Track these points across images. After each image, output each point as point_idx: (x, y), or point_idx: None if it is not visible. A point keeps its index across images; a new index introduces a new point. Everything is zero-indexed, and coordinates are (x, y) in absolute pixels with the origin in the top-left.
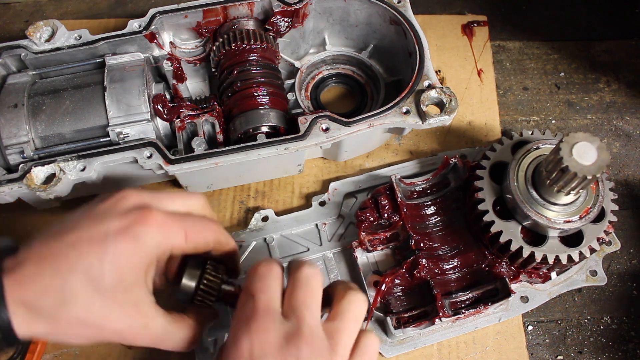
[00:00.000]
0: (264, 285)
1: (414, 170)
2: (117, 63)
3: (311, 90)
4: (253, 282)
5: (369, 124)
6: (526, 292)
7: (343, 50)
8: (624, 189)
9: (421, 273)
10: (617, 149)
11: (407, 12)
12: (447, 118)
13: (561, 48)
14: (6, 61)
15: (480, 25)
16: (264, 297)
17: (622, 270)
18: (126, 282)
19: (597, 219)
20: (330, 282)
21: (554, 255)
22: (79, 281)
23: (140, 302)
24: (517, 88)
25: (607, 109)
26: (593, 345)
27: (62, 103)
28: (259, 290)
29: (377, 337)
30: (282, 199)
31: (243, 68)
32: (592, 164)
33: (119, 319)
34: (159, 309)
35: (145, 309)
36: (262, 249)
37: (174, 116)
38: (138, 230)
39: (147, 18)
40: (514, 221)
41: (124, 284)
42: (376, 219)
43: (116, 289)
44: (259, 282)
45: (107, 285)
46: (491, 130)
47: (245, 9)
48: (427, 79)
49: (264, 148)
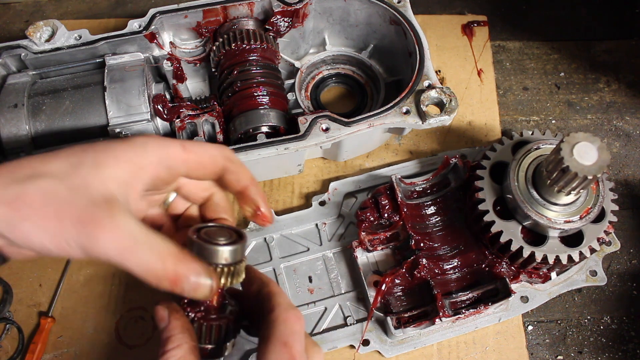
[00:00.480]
0: (300, 341)
1: (414, 170)
2: (117, 63)
3: (311, 90)
4: (294, 339)
5: (369, 124)
6: (526, 292)
7: (343, 50)
8: (624, 189)
9: (421, 273)
10: (617, 149)
11: (407, 12)
12: (447, 118)
13: (561, 48)
14: (6, 61)
15: (480, 25)
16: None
17: (622, 270)
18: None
19: (597, 219)
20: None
21: (554, 255)
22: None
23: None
24: (517, 88)
25: (607, 109)
26: (593, 345)
27: (62, 103)
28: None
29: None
30: (282, 199)
31: (243, 68)
32: (592, 164)
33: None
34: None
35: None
36: (262, 248)
37: (174, 116)
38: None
39: (147, 18)
40: (514, 221)
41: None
42: (376, 218)
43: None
44: (299, 338)
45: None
46: (491, 130)
47: (245, 9)
48: (427, 79)
49: (264, 148)
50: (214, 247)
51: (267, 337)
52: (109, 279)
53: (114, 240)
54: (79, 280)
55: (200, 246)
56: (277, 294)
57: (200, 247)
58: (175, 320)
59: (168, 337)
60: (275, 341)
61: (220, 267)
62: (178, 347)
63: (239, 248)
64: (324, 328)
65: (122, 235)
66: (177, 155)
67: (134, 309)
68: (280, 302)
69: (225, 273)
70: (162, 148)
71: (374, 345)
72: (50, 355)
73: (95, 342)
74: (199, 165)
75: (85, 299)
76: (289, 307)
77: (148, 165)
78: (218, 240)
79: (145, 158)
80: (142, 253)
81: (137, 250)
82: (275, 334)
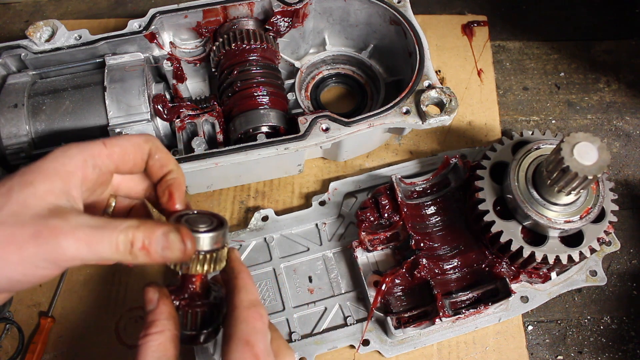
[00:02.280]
0: (263, 340)
1: (414, 170)
2: (117, 63)
3: (311, 90)
4: (256, 338)
5: (369, 124)
6: (526, 292)
7: (343, 50)
8: (624, 189)
9: (421, 273)
10: (617, 149)
11: (407, 12)
12: (447, 118)
13: (561, 48)
14: (6, 61)
15: (480, 25)
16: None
17: (622, 270)
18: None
19: (597, 219)
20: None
21: (554, 255)
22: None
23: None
24: (517, 88)
25: (607, 109)
26: (593, 345)
27: (62, 103)
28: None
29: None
30: (282, 199)
31: (243, 68)
32: (593, 164)
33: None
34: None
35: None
36: (262, 248)
37: (174, 116)
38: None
39: (147, 18)
40: (515, 221)
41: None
42: (376, 218)
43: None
44: (262, 337)
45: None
46: (491, 130)
47: (245, 9)
48: (427, 79)
49: (264, 148)
50: (194, 235)
51: (229, 336)
52: (109, 279)
53: (77, 238)
54: (79, 280)
55: None
56: (242, 288)
57: None
58: (164, 306)
59: (153, 321)
60: (237, 340)
61: (202, 254)
62: (160, 333)
63: (219, 234)
64: (324, 328)
65: (83, 230)
66: (99, 153)
67: (134, 309)
68: (242, 298)
69: (207, 259)
70: (83, 150)
71: (374, 345)
72: (50, 355)
73: (95, 342)
74: (124, 157)
75: (85, 299)
76: (251, 304)
77: (75, 170)
78: (198, 228)
79: (70, 164)
80: (109, 236)
81: (103, 236)
82: (237, 333)
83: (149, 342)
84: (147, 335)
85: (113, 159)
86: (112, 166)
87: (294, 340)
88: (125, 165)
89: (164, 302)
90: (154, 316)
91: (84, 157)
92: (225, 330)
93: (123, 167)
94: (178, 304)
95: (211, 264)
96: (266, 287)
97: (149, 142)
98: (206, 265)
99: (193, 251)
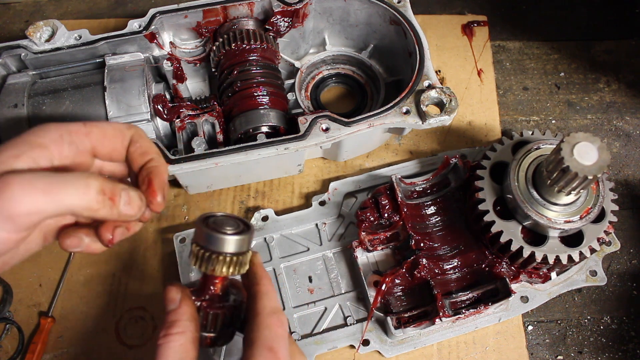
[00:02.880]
0: (285, 346)
1: (414, 170)
2: (117, 63)
3: (311, 90)
4: (279, 344)
5: (369, 124)
6: (526, 292)
7: (343, 50)
8: (624, 189)
9: (421, 273)
10: (617, 149)
11: (407, 12)
12: (447, 118)
13: (561, 48)
14: (6, 61)
15: (480, 25)
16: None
17: (622, 270)
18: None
19: (597, 219)
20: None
21: (554, 255)
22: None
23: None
24: (517, 88)
25: (607, 109)
26: (593, 345)
27: (62, 103)
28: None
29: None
30: (282, 199)
31: (243, 68)
32: (593, 164)
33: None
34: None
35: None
36: (262, 248)
37: (174, 116)
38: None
39: (147, 18)
40: (515, 221)
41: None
42: (376, 218)
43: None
44: (284, 343)
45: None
46: (491, 130)
47: (245, 9)
48: (427, 79)
49: (264, 148)
50: (221, 236)
51: (252, 342)
52: (109, 279)
53: (34, 186)
54: (79, 280)
55: (207, 234)
56: (264, 295)
57: (207, 235)
58: (186, 306)
59: (175, 321)
60: (261, 346)
61: (228, 256)
62: (182, 334)
63: (246, 238)
64: (324, 328)
65: (42, 180)
66: (77, 130)
67: (134, 309)
68: (265, 305)
69: (232, 262)
70: (60, 127)
71: (374, 345)
72: (50, 355)
73: (95, 342)
74: (103, 139)
75: (85, 299)
76: (273, 311)
77: (49, 143)
78: (225, 230)
79: (45, 137)
80: (75, 181)
81: (67, 182)
82: (260, 339)
83: (170, 343)
84: (168, 335)
85: (91, 138)
86: (89, 145)
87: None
88: (104, 147)
89: (186, 302)
90: (176, 316)
91: (60, 133)
92: (248, 336)
93: (101, 149)
94: (199, 304)
95: (235, 267)
96: None
97: (130, 129)
98: (231, 268)
99: (151, 213)
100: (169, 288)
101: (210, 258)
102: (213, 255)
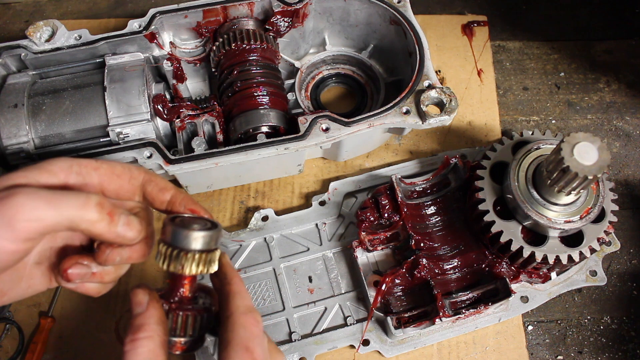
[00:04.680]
0: (260, 345)
1: (414, 170)
2: (117, 63)
3: (311, 90)
4: (254, 343)
5: (369, 124)
6: (526, 292)
7: (343, 50)
8: (624, 189)
9: (421, 273)
10: (617, 149)
11: (407, 12)
12: (447, 118)
13: (561, 48)
14: (6, 61)
15: (480, 25)
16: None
17: (622, 270)
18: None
19: (597, 219)
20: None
21: (554, 255)
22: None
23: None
24: (517, 88)
25: (607, 109)
26: (593, 345)
27: (62, 103)
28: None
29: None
30: (282, 199)
31: (243, 68)
32: (593, 164)
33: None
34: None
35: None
36: (262, 248)
37: (174, 116)
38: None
39: (147, 18)
40: (515, 221)
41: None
42: (376, 218)
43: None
44: (260, 342)
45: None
46: (491, 130)
47: (245, 9)
48: (427, 79)
49: (264, 148)
50: (187, 231)
51: (227, 342)
52: None
53: (37, 196)
54: None
55: (174, 230)
56: (237, 294)
57: (174, 231)
58: (154, 309)
59: (142, 325)
60: (237, 346)
61: (194, 253)
62: (149, 338)
63: (213, 235)
64: (324, 328)
65: (45, 191)
66: (87, 164)
67: None
68: (238, 304)
69: (201, 260)
70: (73, 159)
71: (374, 345)
72: (50, 355)
73: (95, 342)
74: (110, 175)
75: (85, 299)
76: (248, 309)
77: (58, 171)
78: (192, 227)
79: (54, 165)
80: (76, 195)
81: (69, 195)
82: (236, 339)
83: (138, 348)
84: (136, 340)
85: (99, 173)
86: (97, 180)
87: (294, 340)
88: (111, 184)
89: (153, 305)
90: (143, 320)
91: (70, 164)
92: (222, 336)
93: (108, 185)
94: (167, 307)
95: (205, 265)
96: (266, 287)
97: (140, 170)
98: (200, 266)
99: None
100: (135, 291)
101: (178, 256)
102: (181, 253)
